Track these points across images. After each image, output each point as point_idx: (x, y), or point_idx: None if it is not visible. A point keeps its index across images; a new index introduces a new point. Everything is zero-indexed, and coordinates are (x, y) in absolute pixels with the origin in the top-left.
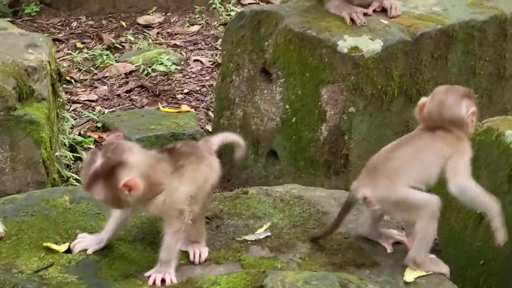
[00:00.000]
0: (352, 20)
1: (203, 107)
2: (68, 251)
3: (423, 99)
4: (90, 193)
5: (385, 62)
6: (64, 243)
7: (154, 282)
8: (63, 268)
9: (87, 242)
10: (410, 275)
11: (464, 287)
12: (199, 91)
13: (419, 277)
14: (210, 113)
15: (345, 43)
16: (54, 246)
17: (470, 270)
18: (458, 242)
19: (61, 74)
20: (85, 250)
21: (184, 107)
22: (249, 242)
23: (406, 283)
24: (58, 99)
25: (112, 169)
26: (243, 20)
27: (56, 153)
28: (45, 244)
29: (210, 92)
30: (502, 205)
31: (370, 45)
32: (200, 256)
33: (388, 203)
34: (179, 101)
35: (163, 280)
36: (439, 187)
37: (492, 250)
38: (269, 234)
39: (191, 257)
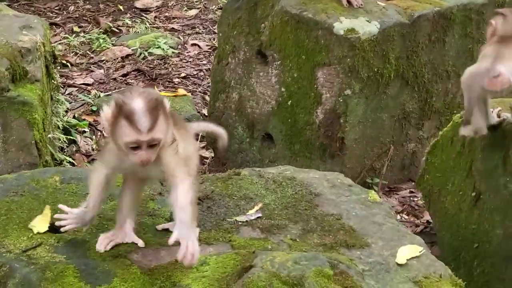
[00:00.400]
0: (349, 2)
1: (200, 91)
2: (54, 230)
3: (491, 24)
4: (153, 134)
5: (382, 44)
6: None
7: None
8: (51, 248)
9: (75, 219)
10: (402, 257)
11: (458, 270)
12: (196, 75)
13: (410, 258)
14: (207, 97)
15: (342, 25)
16: (35, 228)
17: (464, 253)
18: (453, 225)
19: (55, 57)
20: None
21: (181, 91)
22: (240, 223)
23: (397, 264)
24: (52, 81)
25: (157, 100)
26: (240, 2)
27: (49, 135)
28: (29, 226)
29: (207, 76)
30: (497, 188)
31: (367, 27)
32: None
33: None
34: (175, 85)
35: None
36: (438, 170)
37: (486, 233)
38: (260, 215)
39: None
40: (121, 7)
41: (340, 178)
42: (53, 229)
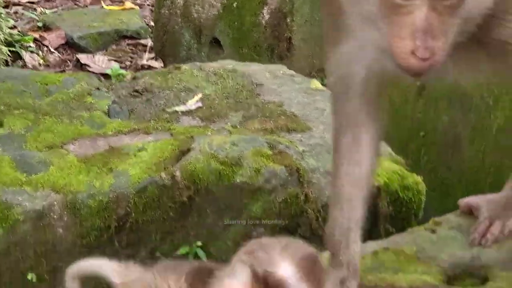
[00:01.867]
0: None
1: (148, 4)
2: None
3: None
4: None
5: None
6: None
7: None
8: None
9: None
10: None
11: (406, 160)
12: None
13: None
14: None
15: None
16: None
17: (411, 143)
18: (399, 116)
19: None
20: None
21: (128, 4)
22: (179, 113)
23: None
24: None
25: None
26: None
27: None
28: None
29: None
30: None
31: None
32: None
33: None
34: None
35: None
36: None
37: (431, 121)
38: (200, 105)
39: None
40: None
41: (282, 70)
42: None
